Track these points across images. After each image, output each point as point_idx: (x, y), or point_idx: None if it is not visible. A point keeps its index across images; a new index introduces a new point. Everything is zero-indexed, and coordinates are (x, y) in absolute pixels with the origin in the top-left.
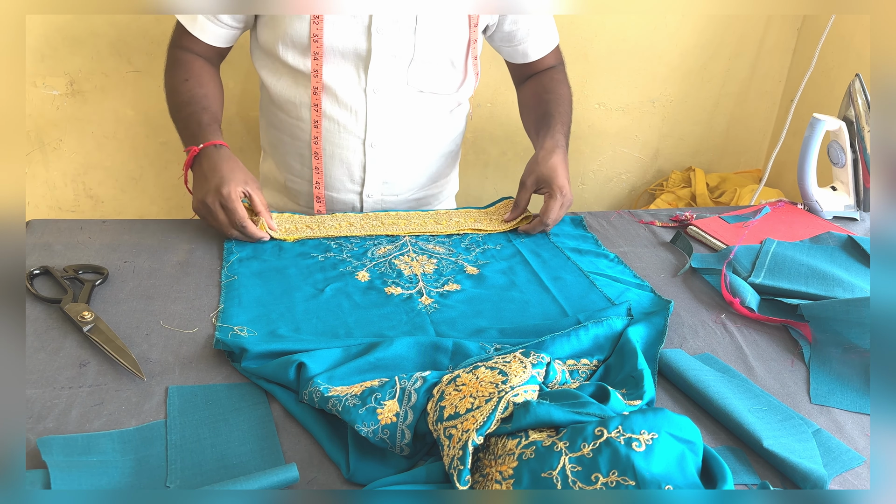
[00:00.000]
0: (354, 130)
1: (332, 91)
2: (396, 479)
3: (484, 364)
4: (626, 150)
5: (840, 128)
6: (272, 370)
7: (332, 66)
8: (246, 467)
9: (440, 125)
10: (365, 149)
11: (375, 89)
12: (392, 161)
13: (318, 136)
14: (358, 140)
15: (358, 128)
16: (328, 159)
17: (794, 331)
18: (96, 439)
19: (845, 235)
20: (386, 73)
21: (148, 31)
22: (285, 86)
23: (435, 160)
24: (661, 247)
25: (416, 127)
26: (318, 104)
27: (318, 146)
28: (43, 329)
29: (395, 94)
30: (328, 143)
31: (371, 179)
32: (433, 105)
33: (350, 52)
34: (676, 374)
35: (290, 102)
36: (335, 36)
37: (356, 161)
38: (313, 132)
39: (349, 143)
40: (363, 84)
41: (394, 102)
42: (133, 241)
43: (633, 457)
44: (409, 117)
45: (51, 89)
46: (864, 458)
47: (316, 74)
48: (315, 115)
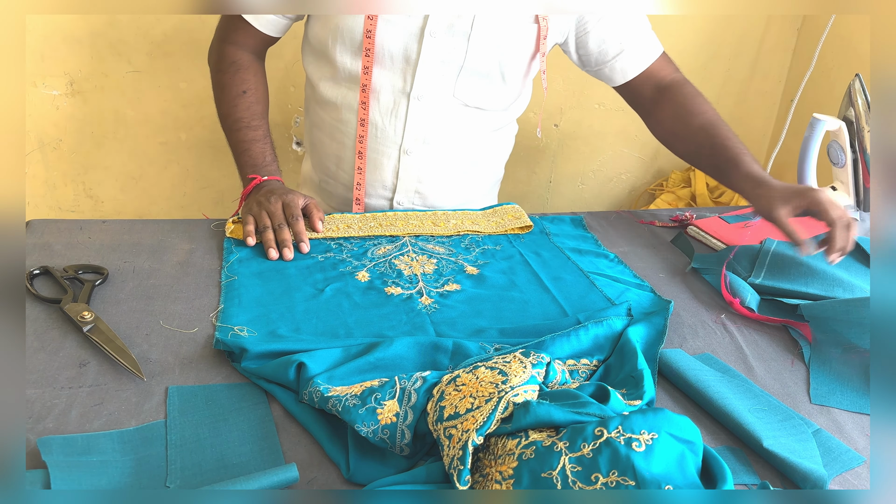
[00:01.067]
0: (392, 136)
1: (375, 93)
2: (396, 479)
3: (484, 364)
4: (626, 150)
5: (840, 128)
6: (272, 370)
7: (379, 68)
8: (246, 467)
9: (482, 143)
10: (400, 154)
11: (419, 96)
12: (426, 171)
13: (364, 135)
14: (395, 145)
15: (396, 133)
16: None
17: (794, 331)
18: (96, 439)
19: None
20: (433, 81)
21: (148, 31)
22: (330, 86)
23: (475, 176)
24: (661, 247)
25: (456, 141)
26: (365, 102)
27: (363, 145)
28: (43, 329)
29: (440, 104)
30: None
31: (403, 187)
32: (477, 121)
33: (399, 54)
34: (676, 374)
35: (331, 103)
36: (388, 35)
37: (390, 167)
38: (359, 131)
39: (385, 148)
40: (408, 89)
41: (437, 112)
42: (133, 241)
43: (633, 457)
44: (450, 129)
45: (51, 89)
46: (864, 458)
47: (366, 72)
48: (363, 113)
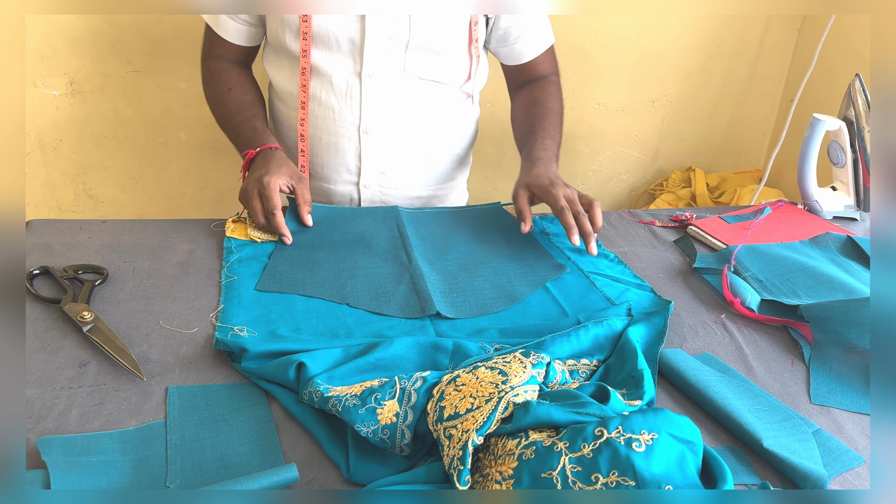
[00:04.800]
0: (349, 117)
1: (326, 78)
2: (396, 479)
3: (484, 364)
4: (626, 150)
5: (840, 128)
6: (272, 370)
7: (325, 53)
8: (246, 467)
9: (445, 119)
10: (360, 135)
11: (371, 74)
12: (389, 150)
13: (305, 118)
14: (353, 126)
15: (353, 114)
16: (324, 150)
17: (794, 331)
18: (96, 439)
19: (845, 236)
20: (382, 58)
21: (148, 31)
22: (286, 77)
23: (439, 158)
24: (661, 247)
25: (416, 115)
26: (305, 85)
27: (304, 128)
28: (43, 329)
29: (393, 80)
30: (324, 133)
31: (367, 169)
32: (436, 95)
33: (344, 35)
34: (676, 374)
35: (288, 93)
36: (328, 17)
37: (351, 149)
38: (300, 114)
39: (344, 130)
40: (358, 68)
41: (391, 88)
42: (133, 241)
43: (633, 457)
44: (408, 104)
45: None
46: (864, 458)
47: (304, 55)
48: (303, 96)
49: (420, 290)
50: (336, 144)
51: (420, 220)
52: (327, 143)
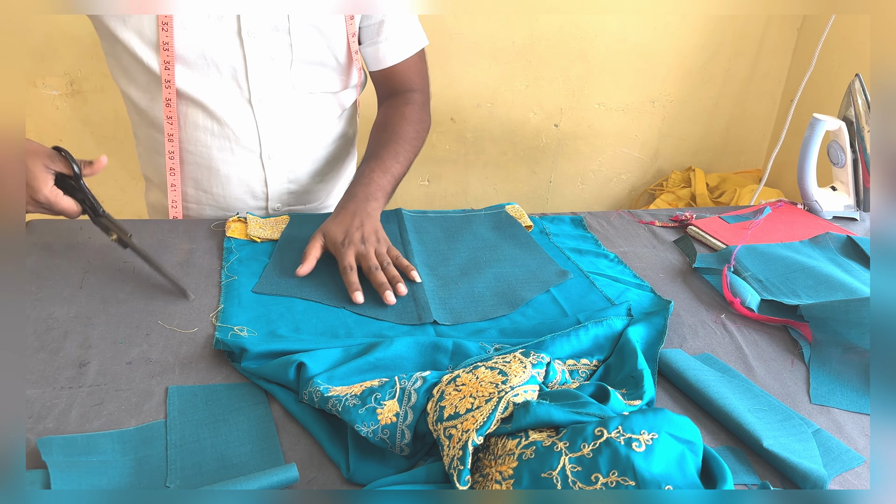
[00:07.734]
0: (248, 145)
1: (209, 110)
2: (396, 479)
3: (484, 364)
4: (626, 150)
5: (840, 128)
6: (272, 370)
7: (207, 81)
8: (246, 467)
9: (335, 123)
10: (263, 162)
11: (261, 99)
12: (294, 169)
13: (175, 150)
14: (253, 155)
15: (251, 142)
16: (223, 181)
17: (794, 331)
18: (96, 439)
19: (845, 236)
20: (268, 80)
21: None
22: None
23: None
24: (661, 247)
25: (314, 130)
26: (171, 117)
27: (174, 162)
28: (43, 329)
29: (283, 100)
30: (222, 164)
31: (274, 193)
32: (326, 105)
33: (224, 62)
34: (676, 374)
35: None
36: (204, 44)
37: (256, 178)
38: (168, 147)
39: (243, 159)
40: (247, 94)
41: (283, 109)
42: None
43: (633, 457)
44: (304, 121)
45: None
46: (864, 458)
47: (168, 85)
48: (169, 129)
49: (418, 298)
50: (237, 176)
51: (422, 224)
52: (227, 175)
